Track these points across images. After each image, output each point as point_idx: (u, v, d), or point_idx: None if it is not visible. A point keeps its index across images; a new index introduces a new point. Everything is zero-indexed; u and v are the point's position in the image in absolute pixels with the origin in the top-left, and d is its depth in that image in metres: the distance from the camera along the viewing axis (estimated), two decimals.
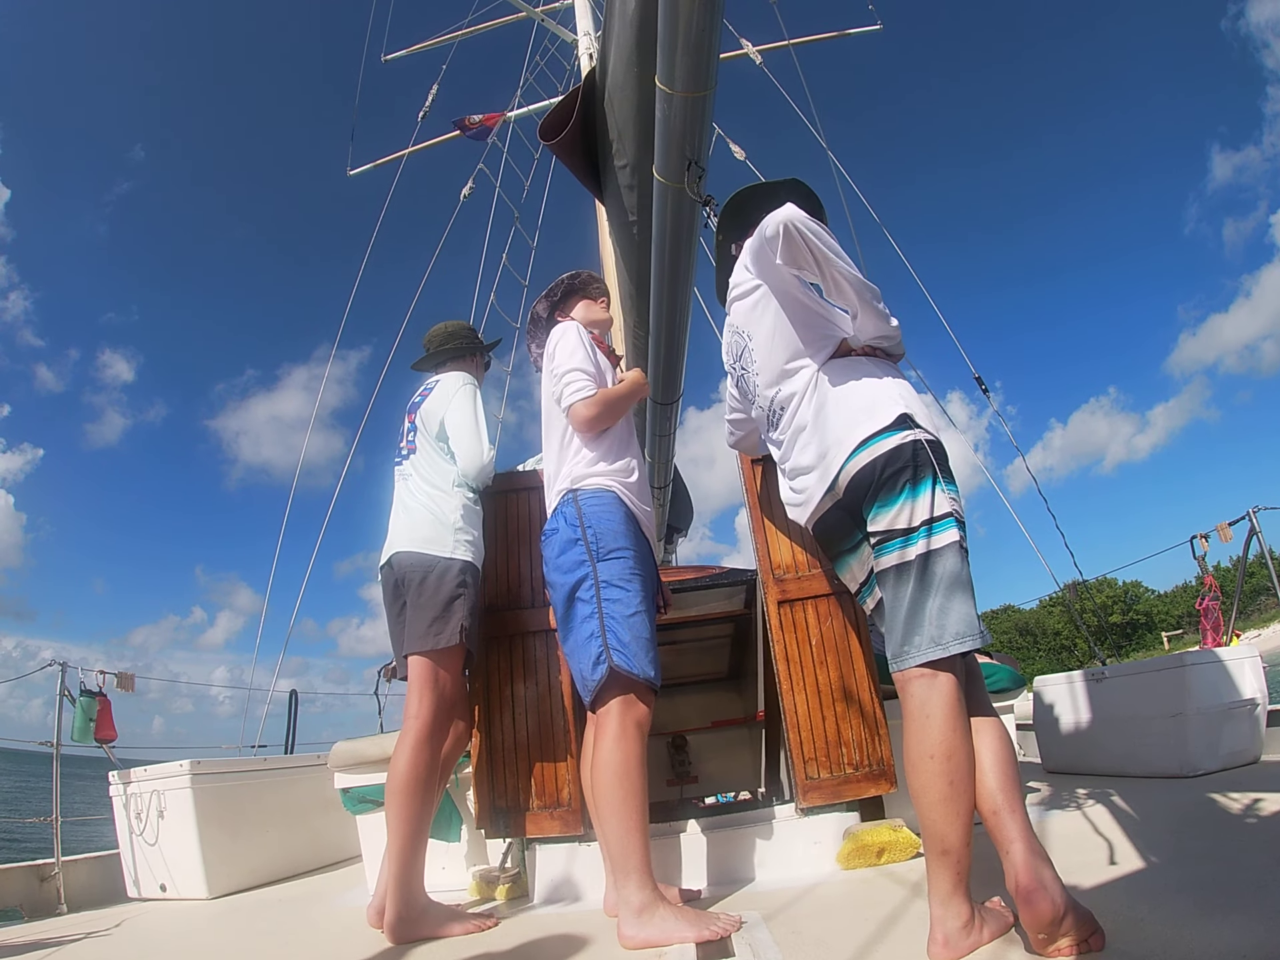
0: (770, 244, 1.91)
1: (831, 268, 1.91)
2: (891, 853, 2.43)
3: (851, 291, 1.94)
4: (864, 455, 1.81)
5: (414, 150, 9.64)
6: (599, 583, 2.20)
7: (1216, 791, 2.97)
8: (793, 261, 1.91)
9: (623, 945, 1.92)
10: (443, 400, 2.74)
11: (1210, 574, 5.30)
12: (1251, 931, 1.43)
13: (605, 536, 2.25)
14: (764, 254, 1.97)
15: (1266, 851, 2.05)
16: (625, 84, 2.37)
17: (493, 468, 2.73)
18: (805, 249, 1.88)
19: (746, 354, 2.16)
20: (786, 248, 1.88)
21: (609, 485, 2.35)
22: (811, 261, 1.90)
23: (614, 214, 2.87)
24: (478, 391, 2.81)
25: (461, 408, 2.71)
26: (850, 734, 2.62)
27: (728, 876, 2.53)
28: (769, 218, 1.91)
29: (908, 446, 1.79)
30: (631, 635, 2.15)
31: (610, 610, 2.17)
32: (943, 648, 1.68)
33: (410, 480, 2.73)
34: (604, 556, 2.23)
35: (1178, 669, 3.65)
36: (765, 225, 1.92)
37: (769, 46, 8.66)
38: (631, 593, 2.22)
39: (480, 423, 2.71)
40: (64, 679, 4.21)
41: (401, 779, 2.35)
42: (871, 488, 1.80)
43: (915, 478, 1.76)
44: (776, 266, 1.97)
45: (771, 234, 1.89)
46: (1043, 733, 4.74)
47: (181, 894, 3.66)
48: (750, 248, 2.06)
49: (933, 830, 1.63)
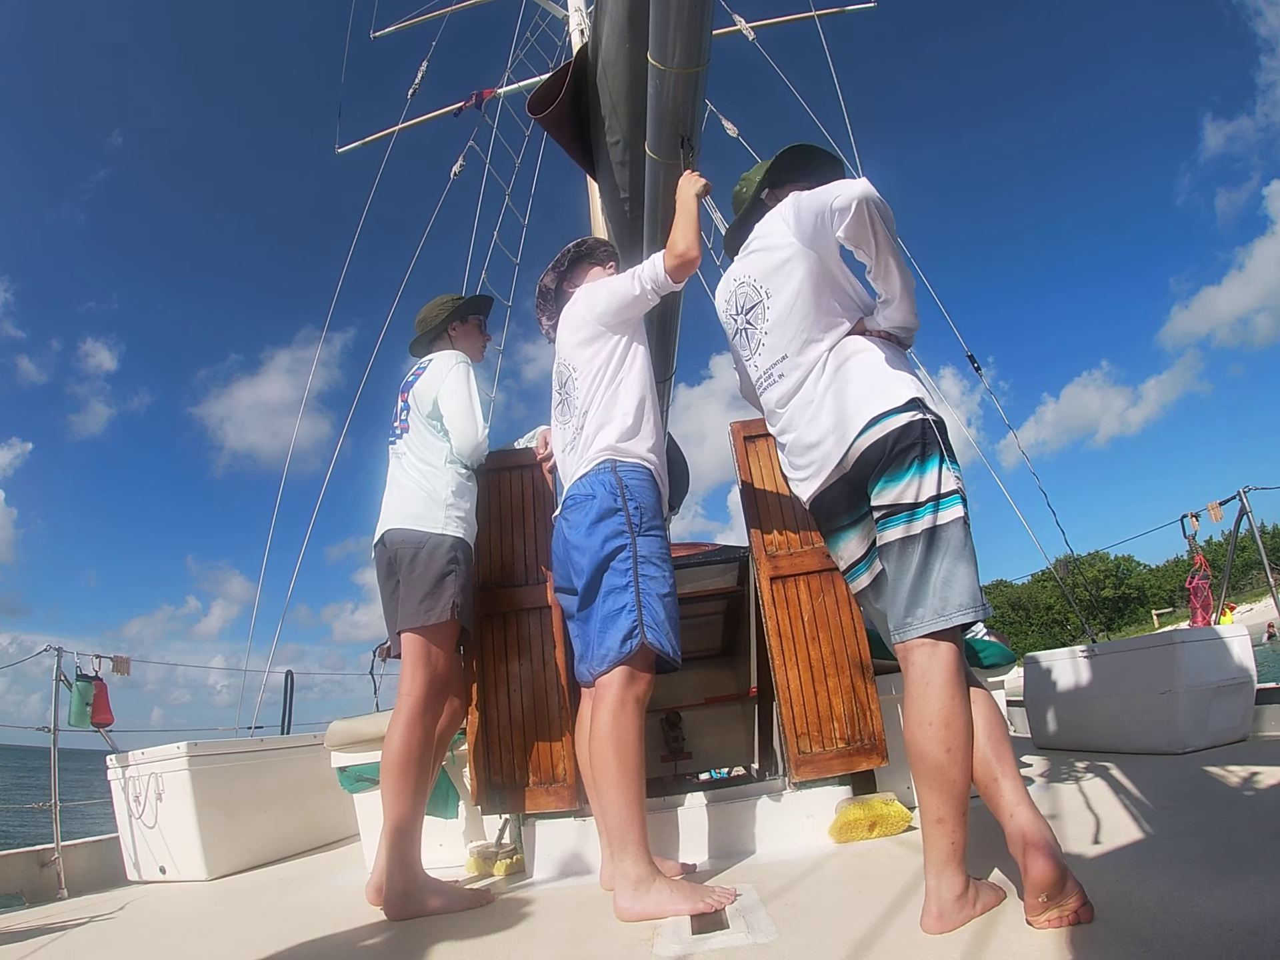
0: (838, 215, 1.84)
1: (889, 254, 1.89)
2: (883, 826, 2.46)
3: (899, 281, 1.93)
4: (875, 430, 1.81)
5: (404, 127, 9.52)
6: (638, 557, 2.19)
7: (1205, 768, 3.00)
8: (854, 238, 1.86)
9: (619, 917, 1.94)
10: (435, 379, 2.73)
11: (1200, 553, 5.33)
12: (1238, 906, 1.45)
13: (647, 511, 2.25)
14: (822, 221, 1.90)
15: (1254, 827, 2.08)
16: (617, 60, 2.36)
17: (486, 445, 2.72)
18: (871, 230, 1.84)
19: (759, 310, 2.09)
20: (855, 223, 1.82)
21: (648, 461, 2.34)
22: (872, 242, 1.86)
23: (606, 191, 2.85)
24: (470, 369, 2.79)
25: (455, 386, 2.70)
26: (842, 709, 2.65)
27: (722, 850, 2.56)
28: (841, 188, 1.85)
29: (917, 424, 1.80)
30: (666, 614, 2.17)
31: (647, 587, 2.17)
32: (945, 618, 1.70)
33: (403, 458, 2.72)
34: (645, 531, 2.22)
35: (1168, 646, 3.68)
36: (835, 194, 1.85)
37: (763, 23, 8.58)
38: (667, 572, 2.24)
39: (474, 401, 2.70)
40: (59, 664, 4.21)
41: (396, 756, 2.36)
42: (880, 462, 1.81)
43: (924, 454, 1.78)
44: (823, 235, 1.92)
45: (842, 205, 1.82)
46: (1033, 708, 4.78)
47: (181, 876, 3.67)
48: (803, 207, 1.97)
49: (929, 799, 1.65)
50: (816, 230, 1.94)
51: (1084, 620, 6.41)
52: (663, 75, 2.11)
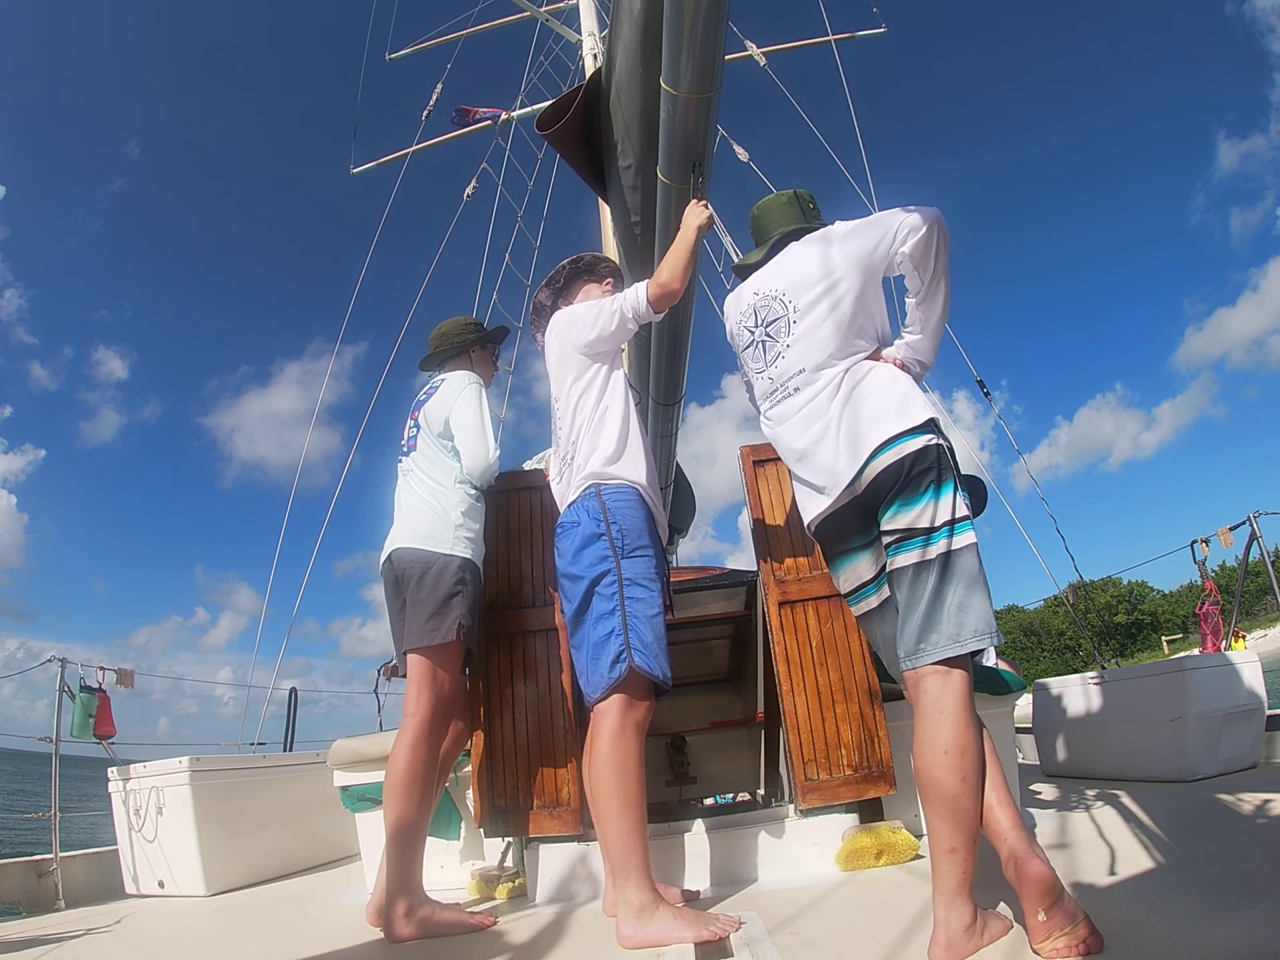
0: (910, 233, 1.90)
1: (943, 278, 1.95)
2: (890, 854, 2.43)
3: (940, 310, 1.99)
4: (892, 453, 1.81)
5: (417, 149, 9.63)
6: (622, 580, 2.18)
7: (1215, 795, 2.98)
8: (917, 256, 1.92)
9: (621, 945, 1.92)
10: (447, 399, 2.74)
11: (1210, 579, 5.29)
12: (1249, 936, 1.44)
13: (630, 534, 2.24)
14: (884, 240, 1.95)
15: (1265, 856, 2.07)
16: (630, 84, 2.37)
17: (498, 467, 2.72)
18: (934, 250, 1.91)
19: (782, 324, 2.08)
20: (925, 242, 1.90)
21: (633, 482, 2.33)
22: (931, 265, 1.93)
23: (617, 214, 2.87)
24: (483, 390, 2.80)
25: (467, 407, 2.70)
26: (850, 736, 2.62)
27: (727, 877, 2.53)
28: (915, 209, 1.92)
29: (933, 449, 1.81)
30: (654, 636, 2.15)
31: (633, 609, 2.16)
32: (960, 644, 1.70)
33: (411, 476, 2.73)
34: (628, 554, 2.21)
35: (1177, 673, 3.66)
36: (909, 213, 1.92)
37: (774, 49, 8.67)
38: (655, 593, 2.22)
39: (486, 422, 2.70)
40: (64, 675, 4.21)
41: (400, 776, 2.35)
42: (896, 486, 1.80)
43: (939, 479, 1.79)
44: (879, 256, 1.96)
45: (917, 223, 1.90)
46: (1042, 735, 4.74)
47: (180, 891, 3.66)
48: (860, 226, 2.02)
49: (940, 828, 1.64)
50: (874, 249, 1.97)
51: (1095, 647, 6.35)
52: (675, 100, 2.13)
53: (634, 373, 3.86)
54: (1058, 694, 4.50)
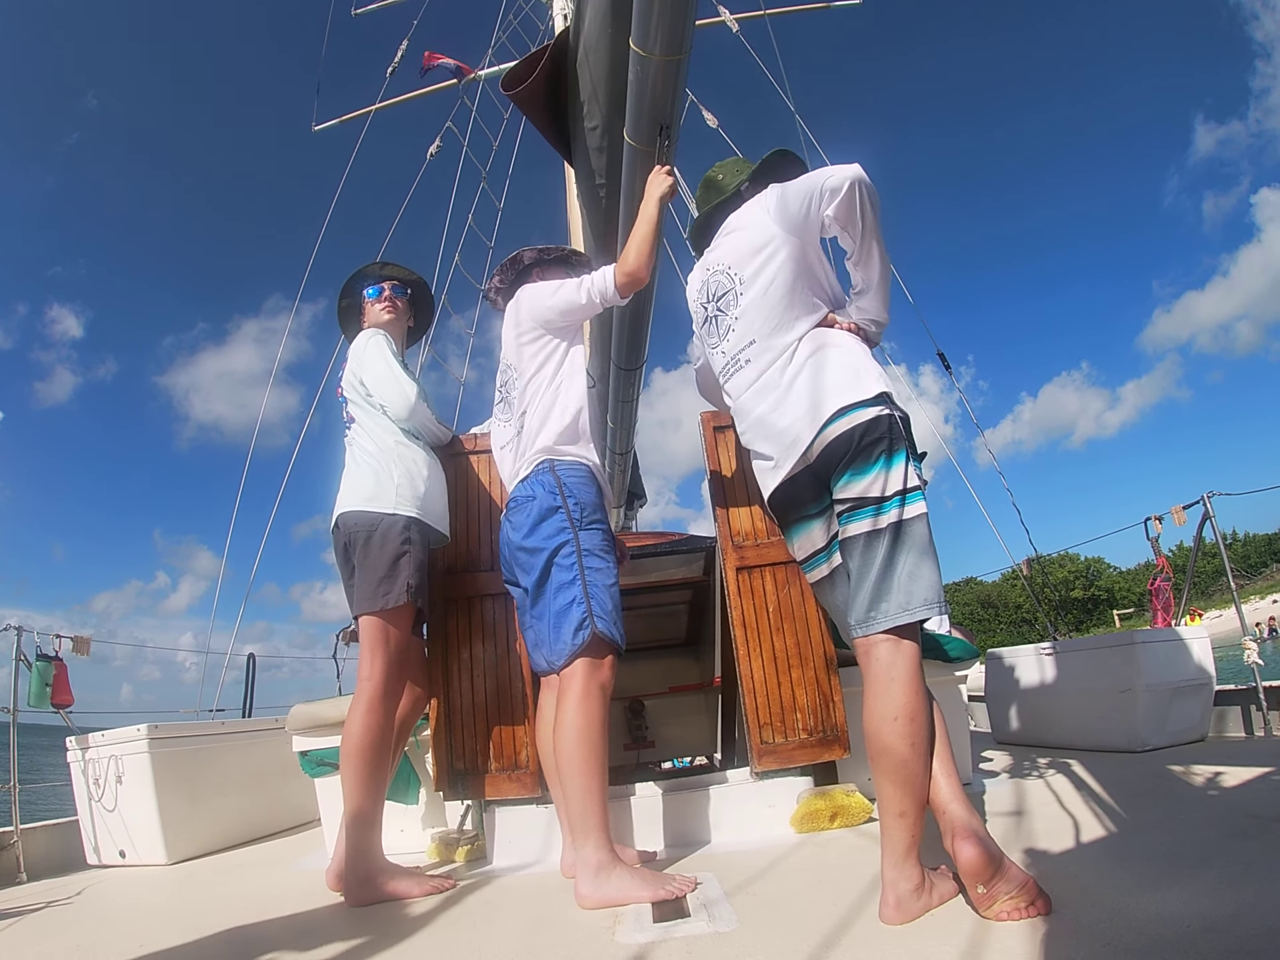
0: (830, 194, 1.89)
1: (873, 239, 1.95)
2: (844, 817, 2.48)
3: (878, 268, 1.98)
4: (843, 422, 1.82)
5: (381, 106, 9.42)
6: (580, 551, 2.24)
7: (1164, 766, 3.06)
8: (842, 218, 1.91)
9: (580, 904, 1.95)
10: (356, 362, 2.73)
11: (1163, 555, 5.41)
12: (1196, 902, 1.48)
13: (587, 507, 2.31)
14: (810, 203, 1.94)
15: (1211, 825, 2.12)
16: (599, 45, 2.34)
17: (424, 405, 2.69)
18: (859, 212, 1.90)
19: (730, 297, 2.09)
20: (846, 203, 1.89)
21: (585, 459, 2.40)
22: (859, 225, 1.92)
23: (582, 176, 2.83)
24: (384, 337, 2.75)
25: (372, 359, 2.69)
26: (805, 700, 2.66)
27: (684, 839, 2.57)
28: (835, 169, 1.91)
29: (885, 419, 1.82)
30: (613, 604, 2.24)
31: (593, 579, 2.23)
32: (910, 613, 1.73)
33: (354, 444, 2.70)
34: (585, 525, 2.28)
35: (1128, 646, 3.74)
36: (828, 174, 1.91)
37: (747, 15, 8.57)
38: (610, 563, 2.30)
39: (393, 365, 2.67)
40: (19, 643, 4.13)
41: (356, 741, 2.35)
42: (847, 455, 1.82)
43: (890, 449, 1.80)
44: (811, 219, 1.95)
45: (835, 185, 1.89)
46: (994, 704, 4.84)
47: (141, 860, 3.63)
48: (790, 191, 2.00)
49: (890, 792, 1.67)
50: (802, 214, 1.96)
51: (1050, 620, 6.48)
52: (644, 62, 2.10)
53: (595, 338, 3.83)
54: (1010, 663, 4.58)
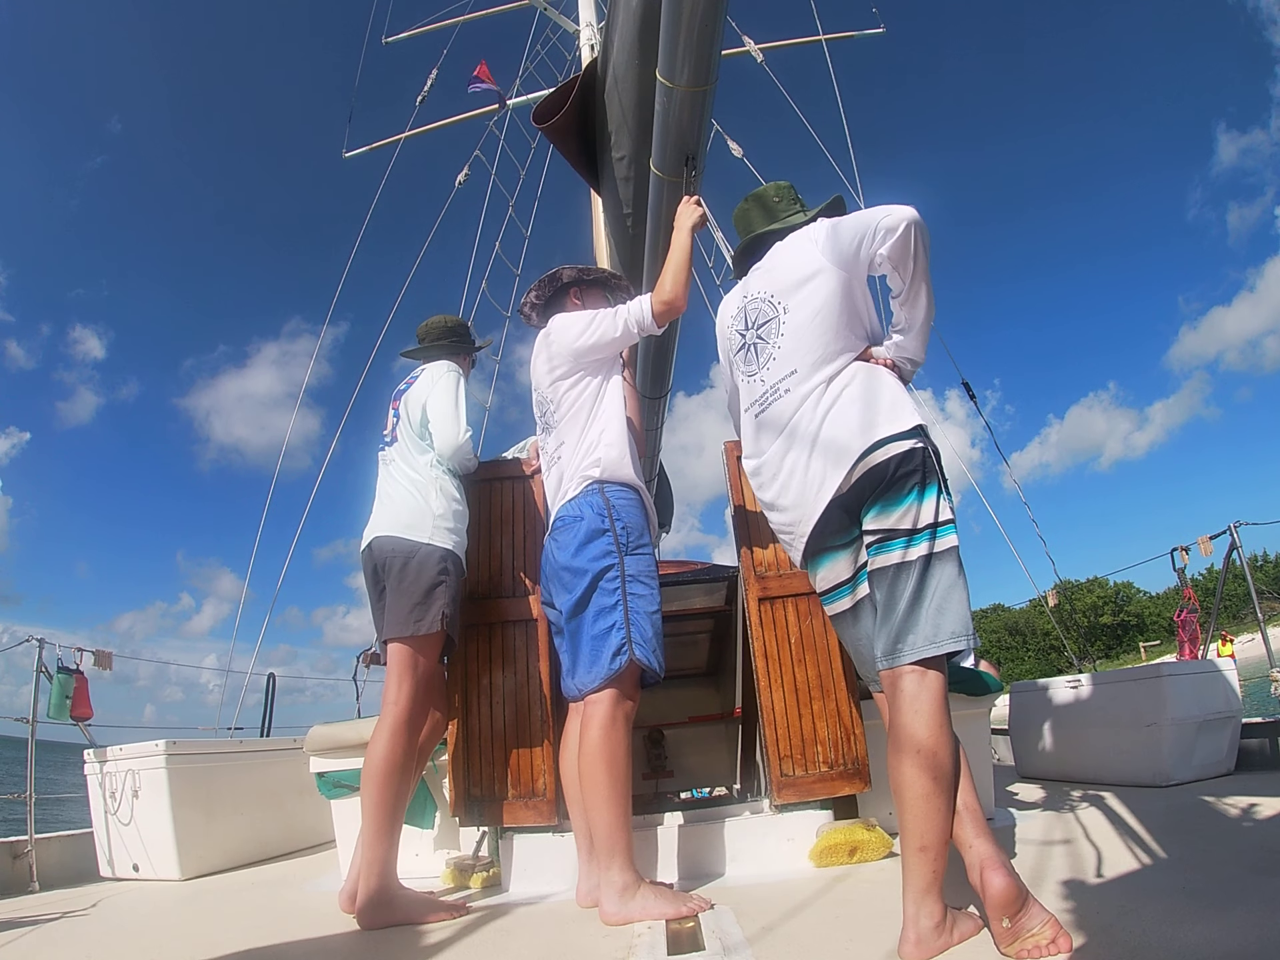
0: (886, 234, 1.90)
1: (923, 281, 1.95)
2: (864, 851, 2.44)
3: (924, 310, 1.98)
4: (879, 454, 1.82)
5: (411, 134, 9.58)
6: (625, 576, 2.24)
7: (1190, 801, 3.00)
8: (895, 257, 1.92)
9: (604, 921, 1.99)
10: (427, 386, 2.74)
11: (1189, 587, 5.34)
12: (1220, 940, 1.45)
13: (634, 531, 2.30)
14: (863, 240, 1.95)
15: (1240, 860, 2.08)
16: (626, 76, 2.37)
17: (470, 448, 2.72)
18: (913, 253, 1.90)
19: (773, 325, 2.08)
20: (901, 243, 1.89)
21: (635, 483, 2.40)
22: (911, 266, 1.92)
23: (609, 205, 2.87)
24: (461, 379, 2.81)
25: (443, 390, 2.72)
26: (826, 732, 2.63)
27: (700, 871, 2.54)
28: (893, 208, 1.92)
29: (919, 452, 1.82)
30: (653, 631, 2.23)
31: (635, 605, 2.22)
32: (937, 645, 1.72)
33: (392, 466, 2.72)
34: (632, 550, 2.28)
35: (1154, 679, 3.68)
36: (886, 213, 1.91)
37: (771, 45, 8.66)
38: (654, 589, 2.29)
39: (460, 405, 2.71)
40: (41, 655, 4.17)
41: (378, 764, 2.35)
42: (880, 486, 1.82)
43: (924, 482, 1.81)
44: (862, 256, 1.96)
45: (892, 224, 1.89)
46: (1018, 737, 4.77)
47: (154, 874, 3.64)
48: (843, 226, 2.02)
49: (913, 827, 1.65)
50: (854, 249, 1.97)
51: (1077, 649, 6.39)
52: (670, 93, 2.13)
53: None
54: (1035, 696, 4.52)
